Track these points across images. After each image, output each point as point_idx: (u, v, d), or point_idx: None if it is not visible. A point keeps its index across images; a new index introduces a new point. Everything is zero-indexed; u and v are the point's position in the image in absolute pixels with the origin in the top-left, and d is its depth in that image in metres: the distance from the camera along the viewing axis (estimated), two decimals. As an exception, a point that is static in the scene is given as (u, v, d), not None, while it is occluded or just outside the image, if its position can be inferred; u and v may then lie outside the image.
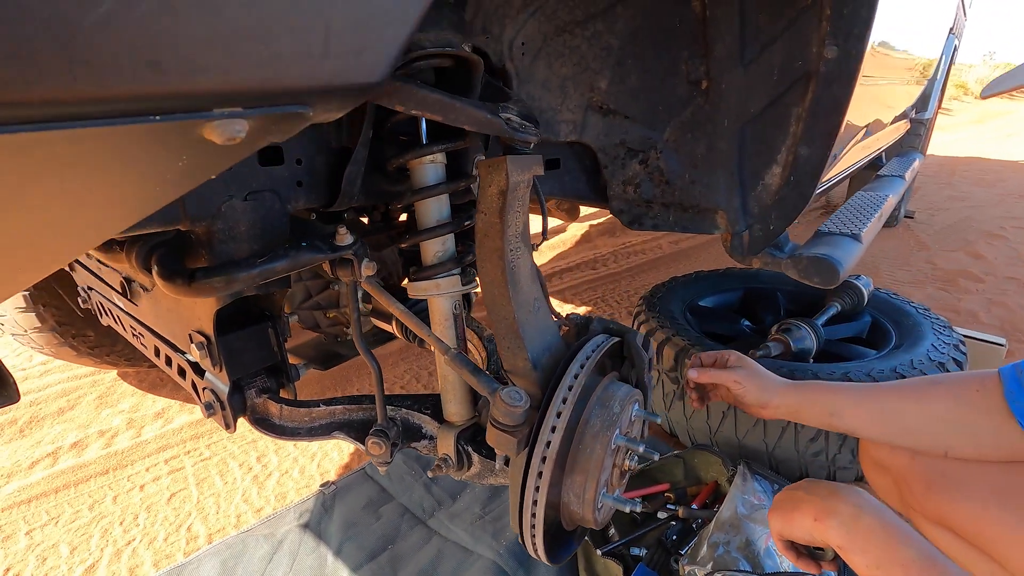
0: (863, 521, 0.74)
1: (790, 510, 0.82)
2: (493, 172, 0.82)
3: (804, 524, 0.79)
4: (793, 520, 0.81)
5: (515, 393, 0.79)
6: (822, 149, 1.11)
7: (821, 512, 0.78)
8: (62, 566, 1.40)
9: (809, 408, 0.98)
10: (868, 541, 0.72)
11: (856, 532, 0.73)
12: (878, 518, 0.73)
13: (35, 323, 1.75)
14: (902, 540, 0.70)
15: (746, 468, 1.44)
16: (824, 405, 0.96)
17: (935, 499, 0.87)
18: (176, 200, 0.74)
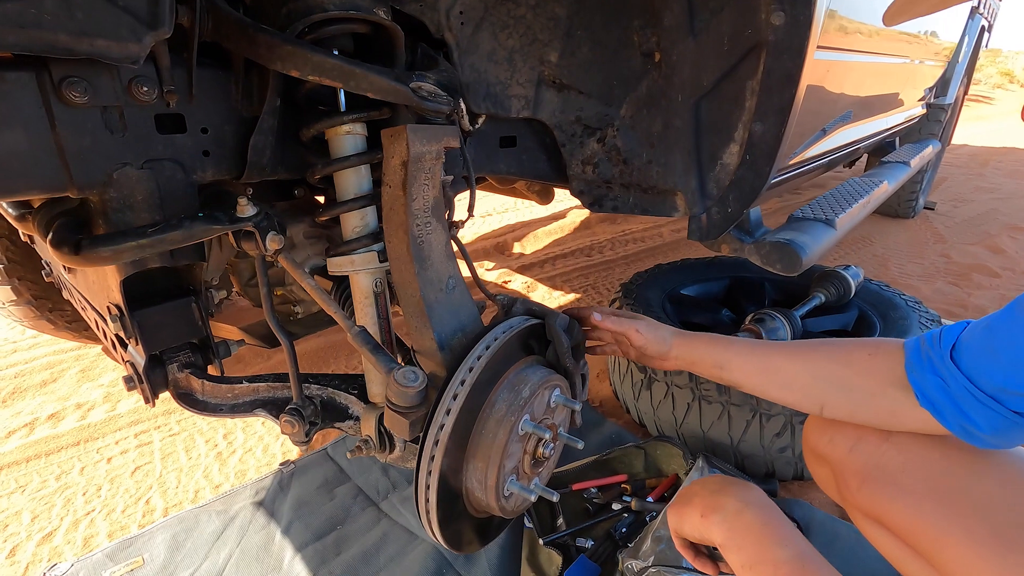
0: (744, 518, 0.69)
1: (683, 505, 0.78)
2: (395, 142, 0.78)
3: (693, 520, 0.75)
4: (684, 516, 0.77)
5: (410, 373, 0.76)
6: (776, 125, 1.04)
7: (707, 508, 0.74)
8: (21, 533, 1.43)
9: (702, 361, 0.96)
10: (745, 539, 0.68)
11: (736, 529, 0.69)
12: (760, 515, 0.69)
13: (11, 296, 1.78)
14: (778, 540, 0.66)
15: (705, 461, 1.39)
16: (713, 356, 0.94)
17: (870, 493, 0.82)
18: (60, 166, 0.72)
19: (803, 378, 0.85)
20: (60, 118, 0.70)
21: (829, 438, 0.88)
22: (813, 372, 0.84)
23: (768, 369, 0.88)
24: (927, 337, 0.74)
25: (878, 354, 0.79)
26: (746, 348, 0.93)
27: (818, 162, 1.64)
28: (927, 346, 0.72)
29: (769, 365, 0.88)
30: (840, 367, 0.82)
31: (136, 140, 0.77)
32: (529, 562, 1.23)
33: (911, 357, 0.73)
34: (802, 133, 1.27)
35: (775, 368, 0.87)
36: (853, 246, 3.43)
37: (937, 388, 0.68)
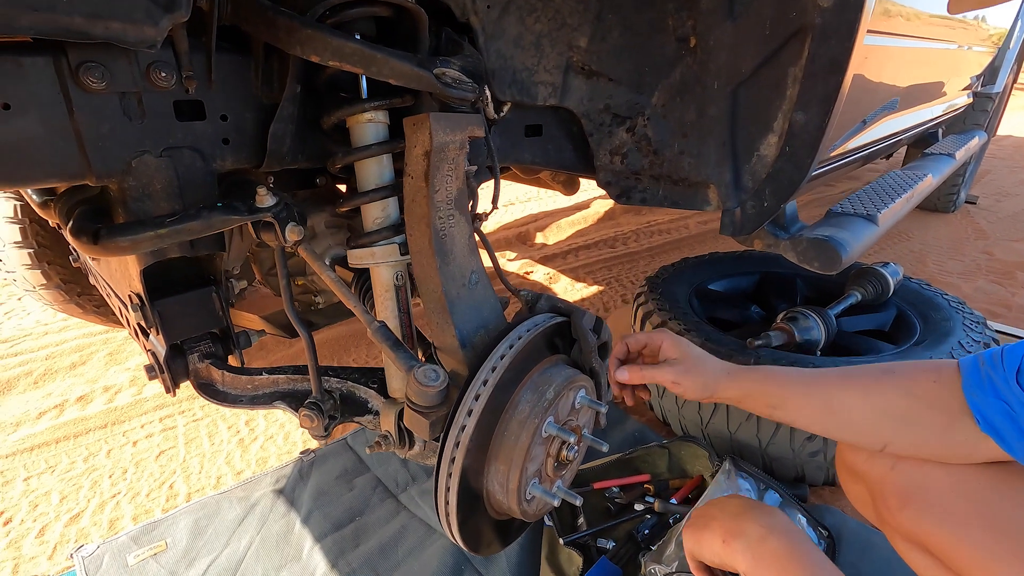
0: (769, 544, 0.66)
1: (701, 528, 0.74)
2: (417, 131, 0.75)
3: (713, 546, 0.71)
4: (703, 540, 0.73)
5: (431, 372, 0.73)
6: (820, 115, 0.98)
7: (728, 533, 0.70)
8: (50, 513, 1.46)
9: (753, 402, 0.88)
10: (771, 567, 0.64)
11: (761, 556, 0.66)
12: (786, 541, 0.65)
13: (41, 280, 1.81)
14: (806, 566, 0.62)
15: (732, 464, 1.34)
16: (766, 397, 0.86)
17: (911, 515, 0.77)
18: (78, 153, 0.70)
19: (866, 414, 0.78)
20: (78, 104, 0.68)
21: (868, 455, 0.83)
22: (876, 406, 0.77)
23: (830, 408, 0.81)
24: (986, 357, 0.68)
25: (941, 379, 0.72)
26: (803, 386, 0.84)
27: (859, 154, 1.56)
28: (987, 367, 0.67)
29: (830, 403, 0.81)
30: (909, 399, 0.75)
31: (155, 127, 0.75)
32: (549, 561, 1.21)
33: (970, 377, 0.68)
34: (845, 123, 1.20)
35: (837, 406, 0.80)
36: (889, 241, 3.30)
37: (1002, 413, 0.63)
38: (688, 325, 1.57)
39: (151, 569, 1.27)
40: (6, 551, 1.35)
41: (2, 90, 0.64)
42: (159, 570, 1.27)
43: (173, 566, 1.28)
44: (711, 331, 1.55)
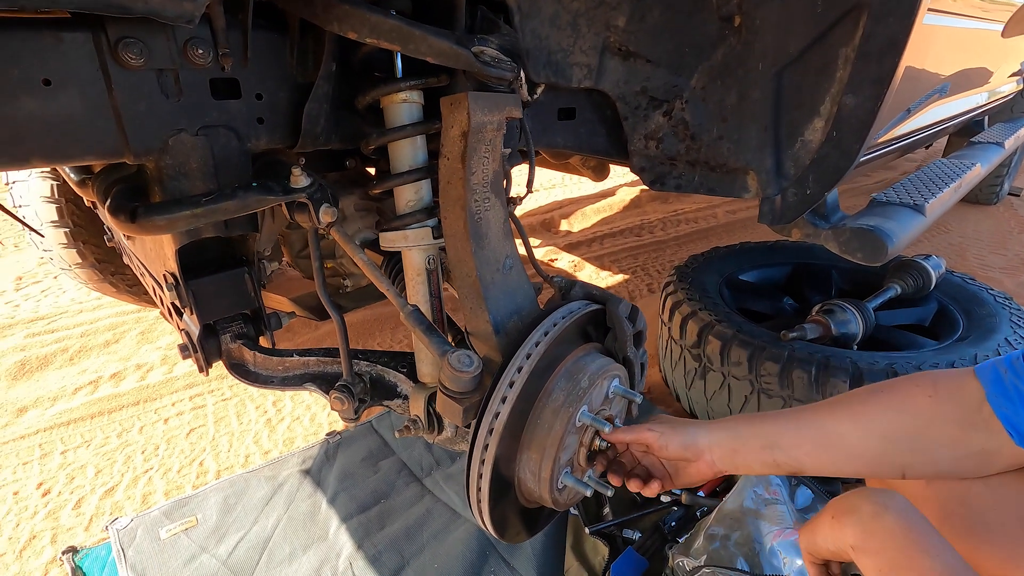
0: (884, 520, 0.62)
1: (812, 520, 0.71)
2: (455, 111, 0.73)
3: (823, 528, 0.68)
4: (816, 527, 0.70)
5: (465, 357, 0.72)
6: (872, 98, 0.93)
7: (840, 510, 0.66)
8: (86, 486, 1.50)
9: (745, 446, 0.78)
10: (885, 542, 0.61)
11: (873, 532, 0.62)
12: (903, 519, 0.61)
13: (77, 259, 1.84)
14: (926, 548, 0.59)
15: (762, 458, 1.31)
16: (760, 438, 0.77)
17: (951, 533, 0.73)
18: (116, 130, 0.70)
19: (869, 443, 0.72)
20: (117, 81, 0.68)
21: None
22: (871, 431, 0.72)
23: (827, 442, 0.75)
24: (1006, 363, 0.64)
25: (938, 394, 0.69)
26: (792, 420, 0.78)
27: (905, 141, 1.50)
28: (1011, 375, 0.63)
29: (825, 435, 0.75)
30: (904, 418, 0.71)
31: (191, 105, 0.75)
32: (574, 550, 1.21)
33: (993, 390, 0.64)
34: (895, 108, 1.15)
35: (834, 438, 0.74)
36: (926, 234, 3.19)
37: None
38: (718, 315, 1.54)
39: (182, 543, 1.30)
40: (45, 521, 1.40)
41: (43, 66, 0.64)
42: (190, 544, 1.29)
43: (203, 541, 1.30)
44: (742, 322, 1.52)
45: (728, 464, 0.79)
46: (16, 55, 0.62)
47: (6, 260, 3.02)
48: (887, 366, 1.28)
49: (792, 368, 1.34)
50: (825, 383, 1.29)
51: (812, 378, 1.31)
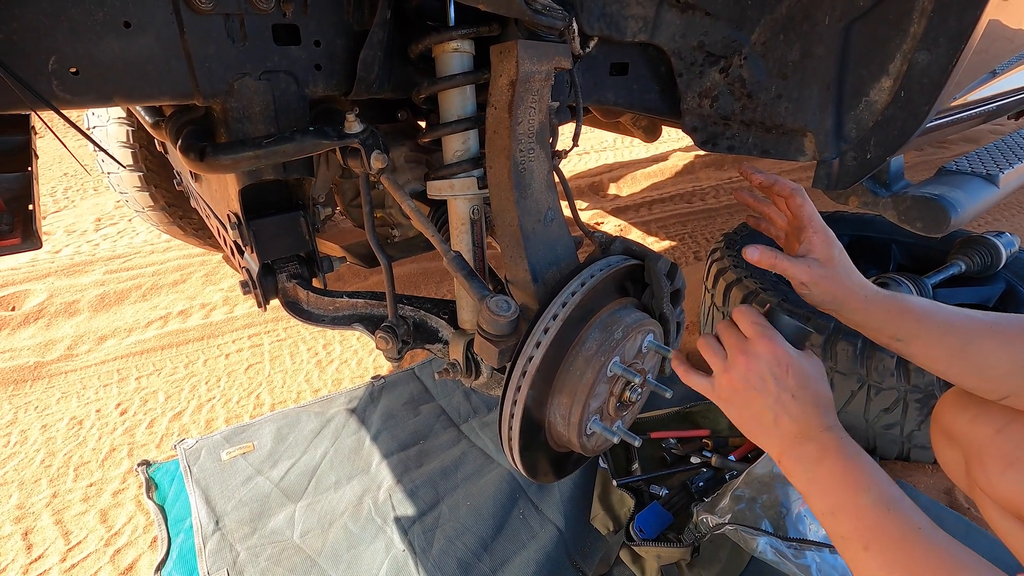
0: (826, 466, 0.65)
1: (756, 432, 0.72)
2: (504, 59, 0.74)
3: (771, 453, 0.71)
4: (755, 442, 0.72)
5: (503, 302, 0.75)
6: (947, 55, 0.88)
7: (786, 452, 0.69)
8: (157, 409, 1.65)
9: (879, 327, 0.79)
10: (827, 485, 0.64)
11: (817, 478, 0.65)
12: (841, 460, 0.64)
13: (149, 202, 1.97)
14: (862, 486, 0.62)
15: (798, 427, 1.30)
16: (897, 328, 0.77)
17: (1012, 480, 0.72)
18: (187, 72, 0.75)
19: (1001, 363, 0.71)
20: (188, 24, 0.72)
21: (972, 415, 0.78)
22: (1014, 358, 0.71)
23: (965, 352, 0.74)
24: None
25: None
26: (943, 325, 0.76)
27: (984, 107, 1.39)
28: None
29: (968, 348, 0.74)
30: None
31: (254, 50, 0.79)
32: (601, 500, 1.25)
33: None
34: (973, 68, 1.07)
35: (973, 352, 0.73)
36: (1000, 212, 2.97)
37: None
38: (765, 284, 1.51)
39: (240, 465, 1.42)
40: (123, 436, 1.55)
41: (124, 8, 0.68)
42: (247, 467, 1.41)
43: (259, 465, 1.42)
44: (789, 291, 1.48)
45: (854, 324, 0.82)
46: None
47: (87, 202, 3.25)
48: (940, 343, 1.23)
49: (837, 340, 1.31)
50: (871, 357, 1.26)
51: (857, 351, 1.28)
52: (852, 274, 0.83)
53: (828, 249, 0.84)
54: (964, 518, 1.20)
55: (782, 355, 0.70)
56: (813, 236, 0.85)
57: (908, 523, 0.59)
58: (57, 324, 2.05)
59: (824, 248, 0.83)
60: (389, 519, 1.26)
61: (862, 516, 0.61)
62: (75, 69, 0.68)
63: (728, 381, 0.73)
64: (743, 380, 0.72)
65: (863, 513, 0.61)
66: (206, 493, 1.34)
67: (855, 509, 0.62)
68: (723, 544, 1.07)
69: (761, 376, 0.71)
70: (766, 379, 0.70)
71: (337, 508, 1.30)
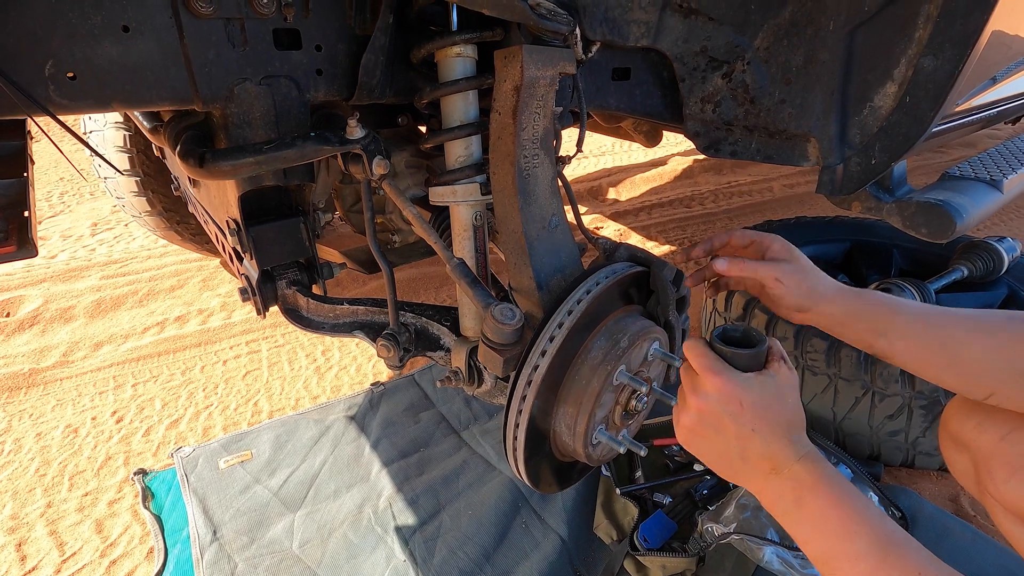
0: (806, 508, 0.61)
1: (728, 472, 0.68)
2: (508, 64, 0.73)
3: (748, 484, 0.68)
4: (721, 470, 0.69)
5: (507, 310, 0.74)
6: (953, 60, 0.87)
7: (762, 493, 0.65)
8: (154, 417, 1.63)
9: (854, 323, 0.79)
10: (811, 531, 0.60)
11: (800, 521, 0.61)
12: (821, 499, 0.60)
13: (146, 207, 1.96)
14: (850, 530, 0.58)
15: (802, 434, 1.29)
16: (874, 321, 0.77)
17: (1020, 489, 0.72)
18: (187, 77, 0.74)
19: (981, 357, 0.71)
20: (188, 29, 0.71)
21: (977, 422, 0.77)
22: (992, 350, 0.70)
23: (943, 344, 0.73)
24: None
25: None
26: (921, 316, 0.76)
27: (985, 112, 1.39)
28: None
29: (947, 341, 0.73)
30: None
31: (255, 55, 0.77)
32: (604, 508, 1.24)
33: None
34: (978, 74, 1.07)
35: (954, 345, 0.72)
36: (1000, 216, 2.98)
37: None
38: (767, 290, 1.50)
39: (238, 474, 1.40)
40: (119, 445, 1.53)
41: (123, 12, 0.67)
42: (245, 475, 1.40)
43: (257, 473, 1.40)
44: (792, 297, 1.47)
45: (828, 329, 0.83)
46: (99, 1, 0.66)
47: (83, 207, 3.23)
48: (944, 349, 1.23)
49: (841, 346, 1.30)
50: (875, 363, 1.25)
51: (861, 357, 1.27)
52: (820, 272, 0.86)
53: (789, 250, 0.87)
54: (971, 526, 1.19)
55: (732, 390, 0.66)
56: (771, 243, 0.89)
57: (909, 564, 0.55)
58: (52, 330, 2.03)
59: (785, 250, 0.87)
60: (390, 528, 1.24)
61: (856, 566, 0.57)
62: (72, 74, 0.67)
63: (685, 423, 0.70)
64: (699, 423, 0.69)
65: (858, 563, 0.57)
66: (203, 502, 1.32)
67: (848, 559, 0.58)
68: (728, 554, 1.06)
69: (715, 415, 0.67)
70: (722, 418, 0.67)
71: (337, 517, 1.28)
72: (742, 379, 0.66)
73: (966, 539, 1.13)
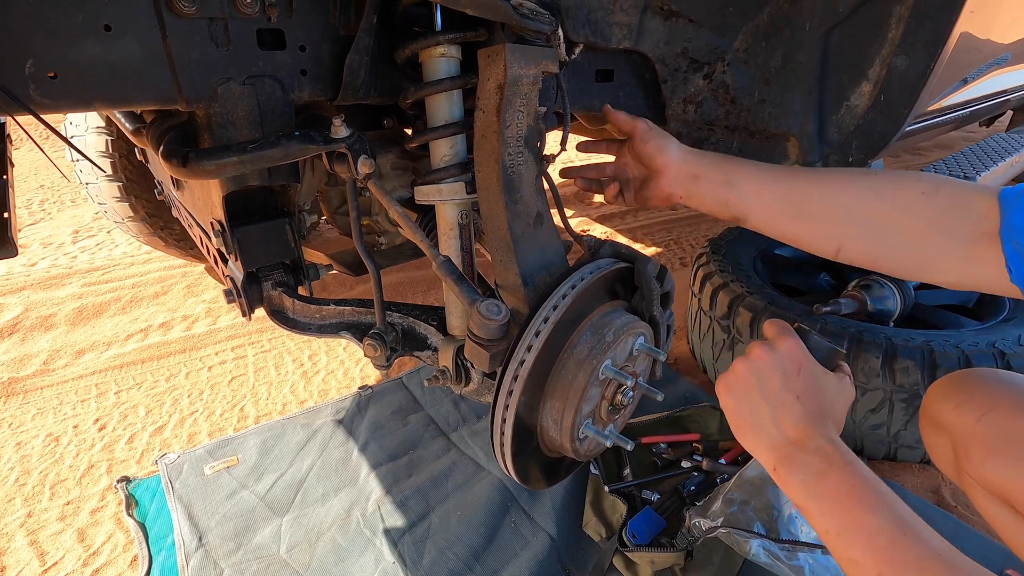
0: (829, 481, 0.61)
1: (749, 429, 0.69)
2: (492, 63, 0.74)
3: (764, 462, 0.68)
4: (748, 446, 0.70)
5: (493, 306, 0.75)
6: (924, 60, 0.90)
7: (782, 461, 0.65)
8: (137, 424, 1.61)
9: (707, 174, 0.83)
10: (832, 503, 0.60)
11: (820, 495, 0.61)
12: (847, 476, 0.60)
13: (129, 212, 1.94)
14: (871, 504, 0.58)
15: (787, 430, 1.31)
16: (724, 173, 0.81)
17: (997, 467, 0.73)
18: (170, 77, 0.74)
19: (829, 210, 0.73)
20: (171, 28, 0.71)
21: (955, 404, 0.79)
22: (844, 204, 0.72)
23: (789, 195, 0.76)
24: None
25: (937, 195, 0.68)
26: (767, 169, 0.80)
27: (961, 112, 1.43)
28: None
29: (792, 189, 0.76)
30: (881, 203, 0.70)
31: (239, 54, 0.78)
32: (593, 507, 1.24)
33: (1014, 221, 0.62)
34: (950, 75, 1.10)
35: (799, 195, 0.75)
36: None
37: None
38: (751, 288, 1.52)
39: (224, 480, 1.39)
40: (102, 452, 1.51)
41: (104, 12, 0.67)
42: (231, 481, 1.38)
43: (243, 479, 1.39)
44: (774, 295, 1.50)
45: (684, 189, 0.86)
46: (81, 0, 0.66)
47: (64, 214, 3.19)
48: (923, 343, 1.25)
49: (823, 342, 1.32)
50: (857, 357, 1.27)
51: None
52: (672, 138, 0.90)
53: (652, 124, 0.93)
54: (953, 516, 1.21)
55: (798, 355, 0.68)
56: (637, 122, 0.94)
57: (926, 548, 0.55)
58: (33, 338, 2.00)
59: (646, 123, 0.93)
60: (378, 531, 1.23)
61: (873, 539, 0.57)
62: (53, 73, 0.67)
63: (736, 367, 0.71)
64: (750, 369, 0.69)
65: (874, 536, 0.57)
66: (188, 509, 1.30)
67: (865, 531, 0.57)
68: (716, 548, 1.07)
69: (770, 368, 0.68)
70: (773, 373, 0.67)
71: (325, 521, 1.27)
72: (817, 362, 0.69)
73: (948, 529, 1.15)
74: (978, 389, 0.79)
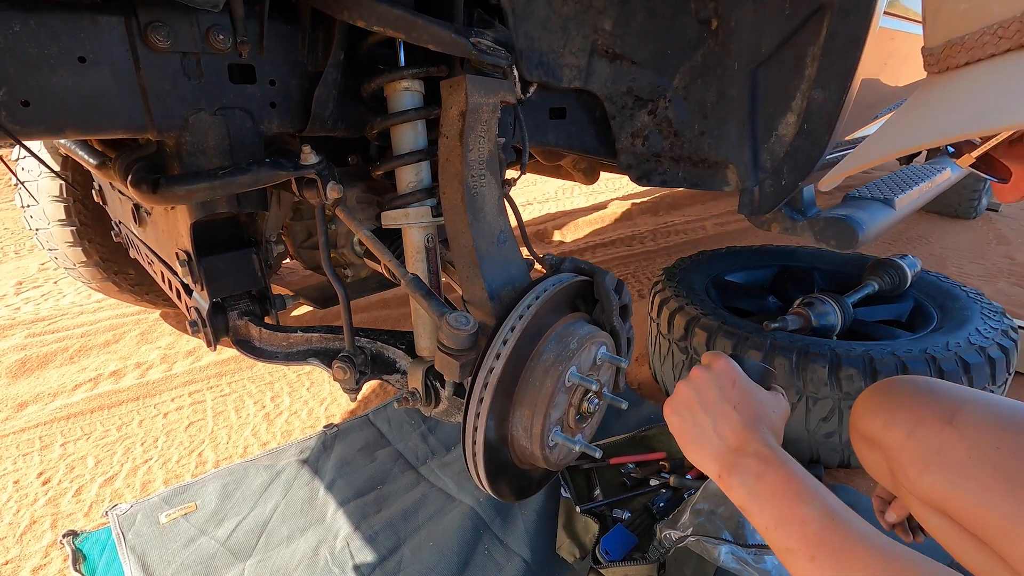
0: (767, 480, 0.65)
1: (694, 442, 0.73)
2: (453, 92, 0.80)
3: (709, 471, 0.72)
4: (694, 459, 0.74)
5: (461, 317, 0.78)
6: (838, 91, 1.01)
7: (725, 467, 0.69)
8: (86, 476, 1.52)
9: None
10: (769, 499, 0.64)
11: (758, 493, 0.65)
12: (781, 473, 0.65)
13: (82, 257, 1.89)
14: (804, 497, 0.62)
15: (747, 442, 1.36)
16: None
17: (932, 481, 0.77)
18: (142, 107, 0.76)
19: None
20: (144, 61, 0.74)
21: (884, 421, 0.84)
22: None
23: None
24: None
25: None
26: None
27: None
28: None
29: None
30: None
31: (210, 87, 0.81)
32: (566, 529, 1.24)
33: None
34: (861, 114, 1.23)
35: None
36: (909, 245, 3.29)
37: None
38: (704, 311, 1.60)
39: (182, 527, 1.32)
40: (45, 507, 1.42)
41: (79, 45, 0.70)
42: (189, 528, 1.32)
43: (203, 525, 1.33)
44: (727, 315, 1.58)
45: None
46: (56, 33, 0.69)
47: (7, 266, 3.06)
48: (863, 352, 1.34)
49: (774, 356, 1.40)
50: (805, 368, 1.35)
51: (793, 364, 1.37)
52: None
53: None
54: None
55: (731, 371, 0.74)
56: None
57: (853, 531, 0.59)
58: (-31, 393, 1.88)
59: None
60: (347, 568, 1.20)
61: (807, 527, 0.61)
62: (25, 101, 0.69)
63: (679, 388, 0.76)
64: (690, 388, 0.75)
65: (808, 524, 0.61)
66: (143, 560, 1.23)
67: (799, 520, 0.62)
68: (687, 558, 1.09)
69: (707, 384, 0.74)
70: (710, 387, 0.73)
71: (291, 562, 1.22)
72: (749, 379, 0.74)
73: (901, 528, 1.20)
74: (903, 403, 0.82)
